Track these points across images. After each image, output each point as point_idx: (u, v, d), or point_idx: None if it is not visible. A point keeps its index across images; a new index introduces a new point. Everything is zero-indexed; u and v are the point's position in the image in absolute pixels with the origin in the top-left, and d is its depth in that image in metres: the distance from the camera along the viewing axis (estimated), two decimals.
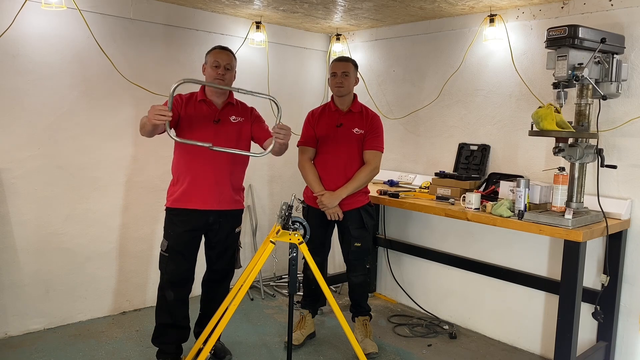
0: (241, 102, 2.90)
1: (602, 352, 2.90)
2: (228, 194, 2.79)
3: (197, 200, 2.71)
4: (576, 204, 2.73)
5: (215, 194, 2.73)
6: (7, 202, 3.11)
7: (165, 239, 2.77)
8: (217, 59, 2.70)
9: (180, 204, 2.73)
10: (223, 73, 2.69)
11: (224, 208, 2.78)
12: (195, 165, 2.71)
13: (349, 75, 3.05)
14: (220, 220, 2.79)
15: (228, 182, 2.78)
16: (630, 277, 2.87)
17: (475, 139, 3.60)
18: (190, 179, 2.72)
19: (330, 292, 2.61)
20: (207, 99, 2.76)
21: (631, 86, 2.83)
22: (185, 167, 2.74)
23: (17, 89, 3.09)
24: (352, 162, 3.08)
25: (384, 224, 4.13)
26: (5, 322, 3.17)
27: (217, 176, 2.73)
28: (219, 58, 2.70)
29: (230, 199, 2.81)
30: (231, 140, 2.75)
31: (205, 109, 2.75)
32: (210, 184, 2.72)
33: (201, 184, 2.71)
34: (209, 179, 2.72)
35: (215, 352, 2.96)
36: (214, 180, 2.72)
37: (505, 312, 3.42)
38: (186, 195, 2.72)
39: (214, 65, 2.69)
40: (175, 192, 2.76)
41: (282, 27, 4.30)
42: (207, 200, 2.72)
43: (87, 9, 3.26)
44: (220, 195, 2.76)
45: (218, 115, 2.76)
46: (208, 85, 2.71)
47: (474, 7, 3.39)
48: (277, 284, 4.31)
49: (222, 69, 2.69)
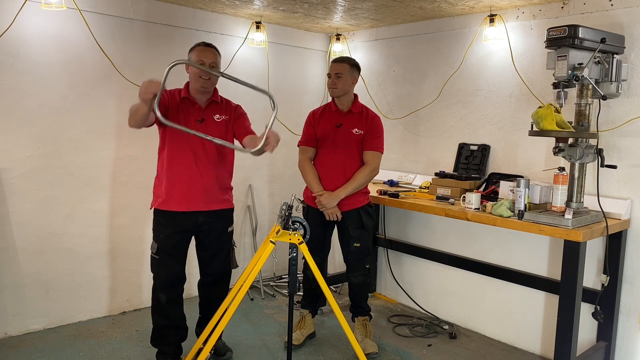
0: (226, 100, 2.83)
1: (602, 352, 2.90)
2: (215, 194, 2.74)
3: (183, 201, 2.67)
4: (576, 204, 2.73)
5: (201, 195, 2.69)
6: (7, 202, 3.11)
7: (154, 241, 2.73)
8: (201, 57, 2.60)
9: (167, 206, 2.68)
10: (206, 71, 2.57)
11: (212, 208, 2.74)
12: (180, 166, 2.65)
13: (342, 76, 3.03)
14: (211, 221, 2.76)
15: (214, 182, 2.73)
16: (630, 277, 2.87)
17: (475, 139, 3.60)
18: (176, 180, 2.66)
19: (330, 292, 2.62)
20: (190, 97, 2.68)
21: (631, 86, 2.83)
22: (171, 168, 2.67)
23: (17, 89, 3.09)
24: (351, 163, 3.08)
25: (384, 224, 4.13)
26: (5, 322, 3.17)
27: (203, 176, 2.68)
28: (203, 57, 2.60)
29: (218, 198, 2.77)
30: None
31: (189, 108, 2.67)
32: (196, 185, 2.67)
33: (187, 185, 2.66)
34: (195, 180, 2.67)
35: (216, 349, 2.96)
36: (200, 180, 2.67)
37: (505, 312, 3.42)
38: (173, 197, 2.67)
39: (199, 63, 2.57)
40: (161, 193, 2.70)
41: (282, 27, 4.30)
42: (193, 202, 2.68)
43: (87, 9, 3.26)
44: (207, 196, 2.71)
45: (202, 114, 2.69)
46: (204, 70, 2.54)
47: (474, 7, 3.39)
48: (277, 284, 4.31)
49: (207, 67, 2.57)
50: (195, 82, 2.65)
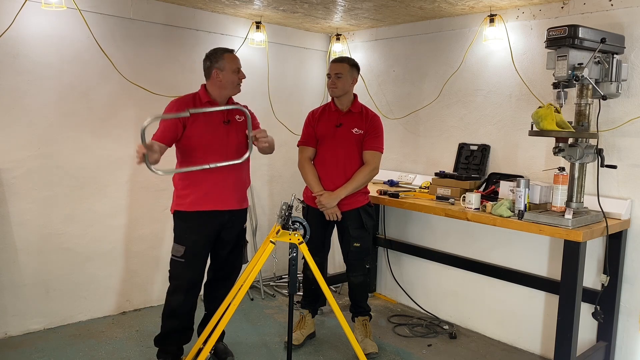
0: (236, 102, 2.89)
1: (602, 352, 2.90)
2: (243, 193, 2.87)
3: (219, 201, 2.72)
4: (576, 204, 2.73)
5: (236, 194, 2.80)
6: (7, 202, 3.11)
7: (179, 245, 2.71)
8: (238, 64, 2.73)
9: (200, 207, 2.70)
10: (244, 77, 2.75)
11: (242, 207, 2.86)
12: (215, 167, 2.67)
13: (342, 77, 3.03)
14: (233, 219, 2.83)
15: (243, 181, 2.86)
16: (630, 277, 2.87)
17: (475, 139, 3.60)
18: (212, 181, 2.69)
19: (330, 292, 2.62)
20: (212, 100, 2.75)
21: (631, 86, 2.83)
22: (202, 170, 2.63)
23: (17, 89, 3.09)
24: (351, 162, 3.07)
25: (384, 224, 4.13)
26: (5, 322, 3.17)
27: (237, 176, 2.78)
28: (238, 63, 2.74)
29: (244, 197, 2.89)
30: (242, 139, 2.77)
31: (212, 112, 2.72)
32: (231, 184, 2.76)
33: (223, 185, 2.73)
34: (230, 179, 2.74)
35: (217, 353, 2.96)
36: (234, 180, 2.77)
37: (505, 312, 3.42)
38: (207, 197, 2.69)
39: (235, 71, 2.71)
40: (189, 195, 2.70)
41: (282, 27, 4.30)
42: (228, 201, 2.76)
43: (87, 9, 3.26)
44: (240, 194, 2.83)
45: (227, 116, 2.77)
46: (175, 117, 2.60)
47: (474, 7, 3.39)
48: (277, 284, 4.31)
49: (242, 73, 2.75)
50: (232, 89, 2.76)
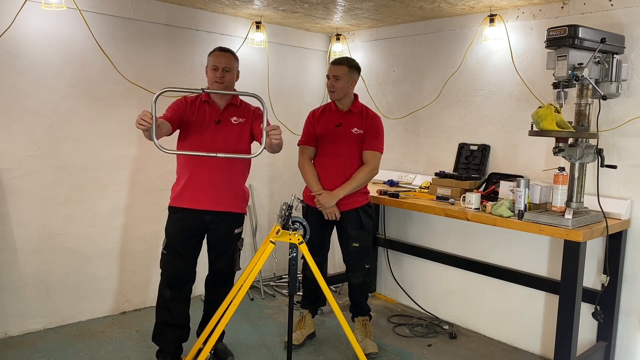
0: (246, 102, 2.90)
1: (602, 352, 2.90)
2: (225, 195, 2.78)
3: (192, 199, 2.74)
4: (576, 204, 2.73)
5: (210, 194, 2.74)
6: (7, 202, 3.11)
7: (165, 237, 2.81)
8: (215, 62, 2.73)
9: (178, 203, 2.78)
10: (222, 75, 2.72)
11: (220, 209, 2.78)
12: (192, 165, 2.75)
13: (340, 79, 3.02)
14: (218, 221, 2.79)
15: (225, 183, 2.77)
16: (630, 277, 2.87)
17: (475, 139, 3.60)
18: (187, 179, 2.75)
19: (330, 292, 2.62)
20: (210, 100, 2.79)
21: (631, 86, 2.83)
22: (184, 166, 2.78)
23: (17, 89, 3.09)
24: (351, 162, 3.07)
25: (384, 224, 4.13)
26: (5, 322, 3.17)
27: (213, 177, 2.73)
28: (217, 61, 2.73)
29: (228, 201, 2.80)
30: (230, 141, 2.76)
31: (208, 110, 2.78)
32: (205, 184, 2.74)
33: (197, 184, 2.74)
34: (204, 179, 2.74)
35: (217, 353, 2.96)
36: (208, 180, 2.74)
37: (505, 312, 3.42)
38: (183, 194, 2.76)
39: (213, 68, 2.73)
40: (175, 190, 2.81)
41: (282, 27, 4.30)
42: (202, 200, 2.74)
43: (87, 9, 3.26)
44: (216, 196, 2.75)
45: (219, 116, 2.78)
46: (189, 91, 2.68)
47: (474, 7, 3.39)
48: (277, 284, 4.31)
49: (221, 71, 2.72)
50: (211, 86, 2.79)
